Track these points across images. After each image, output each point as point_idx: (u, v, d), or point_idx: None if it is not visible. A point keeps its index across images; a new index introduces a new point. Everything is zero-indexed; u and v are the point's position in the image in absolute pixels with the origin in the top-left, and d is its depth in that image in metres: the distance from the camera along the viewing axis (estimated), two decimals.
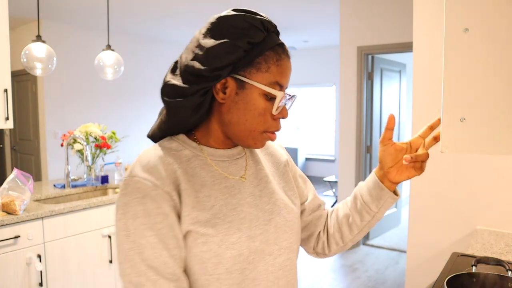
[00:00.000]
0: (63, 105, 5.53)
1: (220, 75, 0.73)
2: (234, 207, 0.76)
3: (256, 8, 3.07)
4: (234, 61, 0.73)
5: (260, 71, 0.74)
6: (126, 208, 0.72)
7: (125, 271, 0.70)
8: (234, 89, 0.75)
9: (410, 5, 3.28)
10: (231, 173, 0.80)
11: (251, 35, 0.73)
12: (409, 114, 5.38)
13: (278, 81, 0.75)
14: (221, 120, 0.78)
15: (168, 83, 0.77)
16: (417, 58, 2.05)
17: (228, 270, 0.73)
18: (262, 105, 0.75)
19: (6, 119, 2.37)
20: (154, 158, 0.75)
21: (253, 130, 0.76)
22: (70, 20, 5.33)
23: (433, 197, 2.05)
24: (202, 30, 0.77)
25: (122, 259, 0.71)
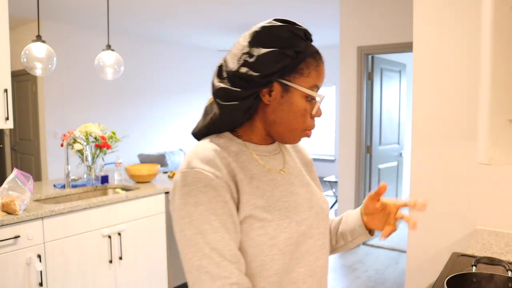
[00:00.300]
0: (63, 105, 5.53)
1: (270, 81, 0.81)
2: (279, 198, 0.84)
3: (256, 8, 3.09)
4: (282, 67, 0.81)
5: (303, 76, 0.83)
6: (188, 197, 0.77)
7: (188, 256, 0.76)
8: (279, 92, 0.83)
9: (410, 5, 3.28)
10: (272, 167, 0.89)
11: (296, 44, 0.81)
12: (409, 114, 5.38)
13: (317, 84, 0.85)
14: (266, 120, 0.86)
15: (221, 88, 0.84)
16: (417, 58, 2.05)
17: (281, 251, 0.81)
18: (304, 106, 0.84)
19: (6, 119, 2.37)
20: (210, 152, 0.81)
21: (295, 129, 0.85)
22: (70, 20, 5.33)
23: (433, 197, 2.05)
24: (247, 38, 0.84)
25: (185, 245, 0.77)
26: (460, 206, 1.98)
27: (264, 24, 0.83)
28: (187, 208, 0.76)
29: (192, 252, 0.75)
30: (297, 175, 0.93)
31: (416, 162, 2.09)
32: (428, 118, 2.04)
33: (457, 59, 1.94)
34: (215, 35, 6.58)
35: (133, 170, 3.07)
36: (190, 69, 7.51)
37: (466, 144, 1.94)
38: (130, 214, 2.71)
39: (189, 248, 0.76)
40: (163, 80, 6.99)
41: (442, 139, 2.00)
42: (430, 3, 1.99)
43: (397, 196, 4.88)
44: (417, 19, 2.03)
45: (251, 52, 0.81)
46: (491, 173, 1.89)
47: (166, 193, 2.96)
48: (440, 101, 2.00)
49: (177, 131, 7.35)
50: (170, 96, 7.15)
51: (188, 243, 0.76)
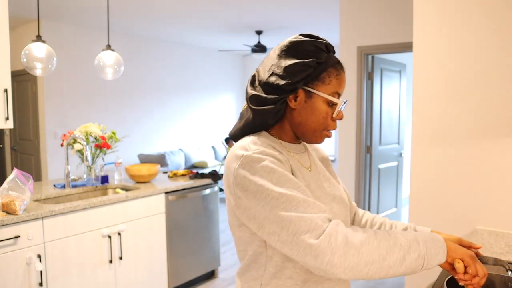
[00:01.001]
0: (63, 105, 5.53)
1: (296, 88, 0.94)
2: (311, 190, 0.96)
3: (256, 8, 3.09)
4: (305, 76, 0.93)
5: (324, 84, 0.95)
6: (264, 168, 0.87)
7: (281, 212, 0.83)
8: (303, 98, 0.96)
9: (410, 5, 3.28)
10: (302, 163, 1.01)
11: (318, 56, 0.94)
12: (409, 114, 5.38)
13: (338, 91, 0.97)
14: (292, 122, 0.99)
15: (254, 95, 0.97)
16: (417, 58, 2.05)
17: None
18: (325, 110, 0.96)
19: (6, 119, 2.37)
20: (262, 142, 0.95)
21: (316, 130, 0.98)
22: (70, 20, 5.33)
23: (433, 197, 2.05)
24: (277, 52, 0.98)
25: (274, 207, 0.84)
26: (460, 206, 1.98)
27: (291, 39, 0.97)
28: (266, 177, 0.86)
29: (287, 207, 0.83)
30: (320, 171, 1.05)
31: (416, 162, 2.09)
32: (428, 118, 2.04)
33: (457, 59, 1.94)
34: (216, 36, 6.58)
35: (133, 170, 3.07)
36: (190, 69, 7.51)
37: (466, 144, 1.94)
38: (130, 214, 2.71)
39: (281, 205, 0.83)
40: (163, 80, 6.99)
41: (442, 139, 2.00)
42: (430, 3, 1.99)
43: (397, 195, 4.88)
44: (417, 19, 2.03)
45: (279, 64, 0.95)
46: (491, 173, 1.89)
47: (166, 193, 2.96)
48: (440, 101, 2.00)
49: (177, 131, 7.35)
50: (170, 96, 7.14)
51: (278, 202, 0.84)
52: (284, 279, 0.93)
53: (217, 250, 3.46)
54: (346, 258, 0.78)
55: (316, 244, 0.79)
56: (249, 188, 0.87)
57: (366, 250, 0.79)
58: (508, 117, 1.83)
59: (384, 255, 0.80)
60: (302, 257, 0.81)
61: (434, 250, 0.83)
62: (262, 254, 0.95)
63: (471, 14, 1.89)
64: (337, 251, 0.78)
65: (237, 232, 0.98)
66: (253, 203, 0.87)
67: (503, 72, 1.83)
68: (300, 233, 0.81)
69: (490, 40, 1.85)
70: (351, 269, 0.79)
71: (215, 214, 3.42)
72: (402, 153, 4.92)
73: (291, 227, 0.82)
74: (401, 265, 0.80)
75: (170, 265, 3.02)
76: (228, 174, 0.93)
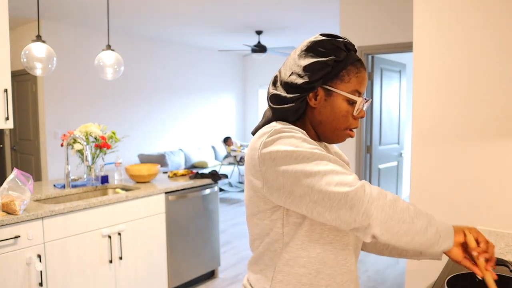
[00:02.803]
0: (63, 105, 5.53)
1: (314, 87, 0.95)
2: None
3: (257, 8, 3.09)
4: (324, 75, 0.94)
5: (344, 82, 0.95)
6: (291, 137, 0.88)
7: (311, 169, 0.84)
8: (323, 97, 0.96)
9: (410, 5, 3.28)
10: None
11: (336, 55, 0.94)
12: (409, 114, 5.38)
13: (358, 89, 0.96)
14: (313, 121, 0.99)
15: (273, 94, 0.99)
16: (417, 58, 2.05)
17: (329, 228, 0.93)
18: (345, 108, 0.96)
19: (6, 119, 2.37)
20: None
21: (337, 128, 0.97)
22: (70, 20, 5.33)
23: (433, 197, 2.05)
24: (297, 52, 0.99)
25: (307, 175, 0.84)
26: (460, 206, 1.98)
27: (311, 39, 0.98)
28: (298, 149, 0.86)
29: (319, 163, 0.84)
30: None
31: (416, 162, 2.09)
32: (428, 118, 2.04)
33: (457, 59, 1.94)
34: (216, 36, 6.58)
35: (133, 170, 3.07)
36: (190, 69, 7.51)
37: (466, 144, 1.94)
38: (130, 214, 2.71)
39: (313, 162, 0.84)
40: (163, 80, 6.99)
41: (442, 139, 2.00)
42: (430, 3, 1.99)
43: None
44: (417, 19, 2.03)
45: (298, 63, 0.96)
46: (491, 173, 1.89)
47: (166, 193, 2.96)
48: (440, 101, 2.00)
49: (177, 131, 7.35)
50: (170, 96, 7.14)
51: (309, 160, 0.84)
52: (297, 268, 0.93)
53: (217, 250, 3.46)
54: (383, 209, 0.79)
55: (352, 192, 0.79)
56: (277, 155, 0.87)
57: (400, 207, 0.81)
58: (508, 117, 1.83)
59: (413, 217, 0.81)
60: (337, 210, 0.80)
61: (446, 231, 0.85)
62: (278, 242, 0.95)
63: (471, 14, 1.89)
64: (374, 201, 0.79)
65: (255, 220, 0.97)
66: (283, 168, 0.86)
67: (503, 72, 1.83)
68: (335, 184, 0.81)
69: (490, 40, 1.85)
70: (386, 223, 0.79)
71: (215, 214, 3.42)
72: (402, 153, 4.92)
73: (324, 180, 0.82)
74: (424, 234, 0.82)
75: (170, 265, 3.02)
76: (252, 153, 0.92)
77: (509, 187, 1.85)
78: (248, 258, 3.80)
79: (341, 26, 4.12)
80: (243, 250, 4.24)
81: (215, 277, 3.52)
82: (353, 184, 0.80)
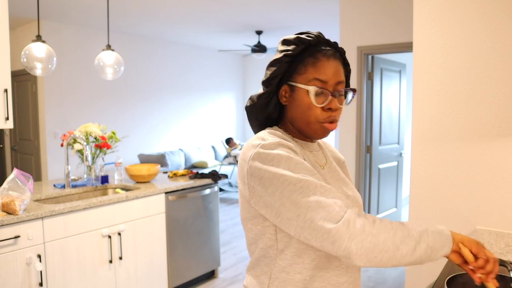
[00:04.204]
0: (63, 105, 5.53)
1: (273, 84, 0.98)
2: None
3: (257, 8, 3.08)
4: (281, 71, 0.97)
5: (300, 74, 0.95)
6: (280, 155, 0.88)
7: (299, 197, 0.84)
8: (288, 93, 0.98)
9: (410, 5, 3.28)
10: (318, 161, 1.02)
11: (288, 50, 0.96)
12: (409, 114, 5.37)
13: (317, 77, 0.94)
14: (289, 119, 1.01)
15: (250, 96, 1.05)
16: (417, 58, 2.05)
17: None
18: (307, 101, 0.95)
19: (6, 119, 2.37)
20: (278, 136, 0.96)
21: (309, 122, 0.96)
22: (70, 20, 5.32)
23: (433, 197, 2.05)
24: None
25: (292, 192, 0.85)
26: (460, 206, 1.98)
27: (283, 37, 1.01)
28: (283, 164, 0.87)
29: (304, 192, 0.84)
30: (334, 171, 1.05)
31: (416, 162, 2.09)
32: (428, 118, 2.04)
33: (457, 59, 1.94)
34: (216, 36, 6.58)
35: (133, 170, 3.07)
36: (190, 69, 7.51)
37: (466, 144, 1.94)
38: (130, 214, 2.71)
39: (299, 190, 0.84)
40: (164, 80, 6.99)
41: (442, 139, 2.00)
42: (430, 3, 1.99)
43: (397, 195, 4.88)
44: (417, 19, 2.03)
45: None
46: (491, 173, 1.89)
47: (166, 193, 2.96)
48: (440, 101, 2.00)
49: (177, 131, 7.35)
50: (170, 96, 7.14)
51: (295, 188, 0.84)
52: (293, 274, 0.93)
53: (217, 250, 3.46)
54: (363, 244, 0.79)
55: (334, 230, 0.80)
56: (264, 175, 0.88)
57: (383, 238, 0.81)
58: (508, 117, 1.83)
59: (398, 244, 0.81)
60: (320, 242, 0.82)
61: (440, 242, 0.85)
62: (272, 248, 0.95)
63: (471, 14, 1.89)
64: (354, 237, 0.79)
65: (249, 225, 0.98)
66: (269, 190, 0.87)
67: (503, 72, 1.83)
68: (319, 219, 0.81)
69: (490, 40, 1.85)
70: (366, 256, 0.80)
71: (215, 214, 3.42)
72: (402, 153, 4.92)
73: (309, 213, 0.83)
74: (412, 255, 0.82)
75: (170, 265, 3.02)
76: (242, 164, 0.93)
77: (509, 187, 1.85)
78: (248, 258, 3.80)
79: (341, 26, 4.12)
80: (243, 250, 4.24)
81: (215, 277, 3.52)
82: (337, 219, 0.81)
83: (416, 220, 2.12)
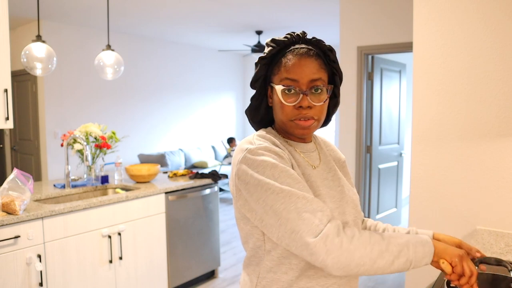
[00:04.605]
0: (63, 105, 5.53)
1: (257, 86, 1.01)
2: (316, 188, 0.96)
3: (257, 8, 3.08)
4: (261, 74, 1.00)
5: (275, 75, 0.98)
6: (265, 162, 0.89)
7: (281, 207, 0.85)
8: (270, 94, 1.01)
9: (410, 5, 3.28)
10: (309, 161, 1.02)
11: (264, 52, 1.00)
12: (409, 114, 5.37)
13: (287, 77, 0.95)
14: (275, 120, 1.03)
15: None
16: (417, 58, 2.05)
17: None
18: (279, 100, 0.96)
19: (6, 119, 2.37)
20: (266, 140, 0.97)
21: (283, 121, 0.98)
22: (70, 20, 5.32)
23: (433, 197, 2.05)
24: None
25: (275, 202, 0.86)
26: (460, 206, 1.98)
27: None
28: (268, 171, 0.88)
29: (286, 202, 0.85)
30: (329, 171, 1.04)
31: (416, 162, 2.09)
32: (428, 118, 2.04)
33: (457, 59, 1.94)
34: (216, 36, 6.58)
35: (133, 170, 3.07)
36: (190, 69, 7.51)
37: (466, 144, 1.94)
38: (130, 214, 2.71)
39: (281, 200, 0.85)
40: (164, 80, 6.99)
41: (442, 139, 2.00)
42: (430, 3, 1.99)
43: (397, 195, 4.88)
44: (417, 19, 2.03)
45: None
46: (491, 173, 1.89)
47: (166, 193, 2.96)
48: (440, 101, 2.00)
49: (177, 131, 7.35)
50: (170, 96, 7.14)
51: (278, 197, 0.86)
52: (280, 274, 0.95)
53: (217, 250, 3.45)
54: (338, 260, 0.82)
55: (312, 243, 0.82)
56: (250, 181, 0.89)
57: (359, 253, 0.82)
58: (508, 117, 1.83)
59: (375, 259, 0.83)
60: (299, 252, 0.85)
61: (422, 253, 0.85)
62: (260, 248, 0.97)
63: (471, 14, 1.89)
64: (331, 253, 0.81)
65: (241, 224, 1.00)
66: (254, 196, 0.89)
67: (503, 72, 1.83)
68: (298, 231, 0.83)
69: (490, 40, 1.85)
70: (342, 269, 0.83)
71: (215, 214, 3.42)
72: (402, 153, 4.92)
73: (289, 224, 0.84)
74: (389, 268, 0.84)
75: (170, 265, 3.02)
76: (232, 166, 0.96)
77: (509, 187, 1.85)
78: None
79: (341, 26, 4.12)
80: (243, 250, 4.23)
81: (215, 277, 3.52)
82: (315, 233, 0.82)
83: (416, 221, 2.12)
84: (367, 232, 0.86)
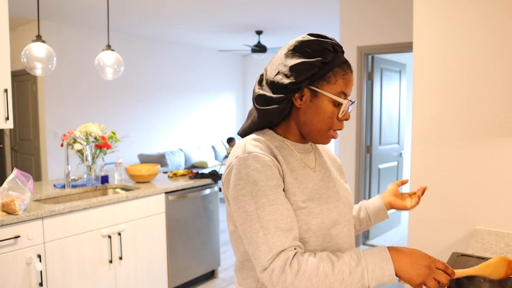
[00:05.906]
0: (63, 105, 5.53)
1: (300, 87, 0.94)
2: (312, 190, 0.97)
3: (257, 8, 3.09)
4: (310, 76, 0.94)
5: (330, 84, 0.95)
6: (248, 177, 0.89)
7: (248, 229, 0.88)
8: (309, 97, 0.96)
9: (410, 5, 3.28)
10: (307, 163, 1.02)
11: (323, 56, 0.94)
12: (409, 114, 5.37)
13: (344, 91, 0.96)
14: (298, 121, 0.99)
15: (259, 94, 0.99)
16: (417, 58, 2.05)
17: (315, 234, 0.94)
18: (330, 110, 0.96)
19: (6, 119, 2.37)
20: (260, 144, 0.95)
21: (322, 129, 0.97)
22: (70, 20, 5.33)
23: (433, 197, 2.05)
24: (285, 51, 0.98)
25: (245, 220, 0.89)
26: (460, 206, 1.98)
27: (298, 39, 0.97)
28: (248, 187, 0.89)
29: (252, 226, 0.87)
30: (325, 172, 1.05)
31: (416, 162, 2.09)
32: (428, 118, 2.04)
33: (457, 59, 1.94)
34: (216, 36, 6.58)
35: (133, 170, 3.08)
36: (190, 69, 7.51)
37: (466, 144, 1.94)
38: (130, 214, 2.71)
39: (249, 222, 0.88)
40: (164, 80, 6.99)
41: (442, 139, 2.00)
42: (430, 3, 1.99)
43: None
44: (417, 19, 2.03)
45: (285, 63, 0.96)
46: (491, 173, 1.89)
47: (166, 193, 2.96)
48: (440, 101, 2.00)
49: (177, 131, 7.35)
50: (170, 96, 7.15)
51: (248, 217, 0.88)
52: None
53: (217, 250, 3.46)
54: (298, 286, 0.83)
55: (261, 275, 0.87)
56: (232, 190, 0.92)
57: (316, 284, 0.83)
58: (508, 117, 1.83)
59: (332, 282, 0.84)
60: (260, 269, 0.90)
61: (381, 278, 0.84)
62: None
63: (471, 14, 1.89)
64: (276, 285, 0.85)
65: (231, 227, 1.01)
66: (233, 205, 0.92)
67: (503, 72, 1.83)
68: (256, 257, 0.87)
69: (490, 40, 1.85)
70: None
71: (215, 214, 3.42)
72: (402, 153, 4.92)
73: (251, 246, 0.89)
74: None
75: (170, 265, 3.02)
76: (225, 168, 0.98)
77: (509, 187, 1.85)
78: None
79: (341, 26, 4.12)
80: None
81: (215, 277, 3.52)
82: (264, 266, 0.85)
83: (416, 221, 2.12)
84: (316, 261, 0.85)
